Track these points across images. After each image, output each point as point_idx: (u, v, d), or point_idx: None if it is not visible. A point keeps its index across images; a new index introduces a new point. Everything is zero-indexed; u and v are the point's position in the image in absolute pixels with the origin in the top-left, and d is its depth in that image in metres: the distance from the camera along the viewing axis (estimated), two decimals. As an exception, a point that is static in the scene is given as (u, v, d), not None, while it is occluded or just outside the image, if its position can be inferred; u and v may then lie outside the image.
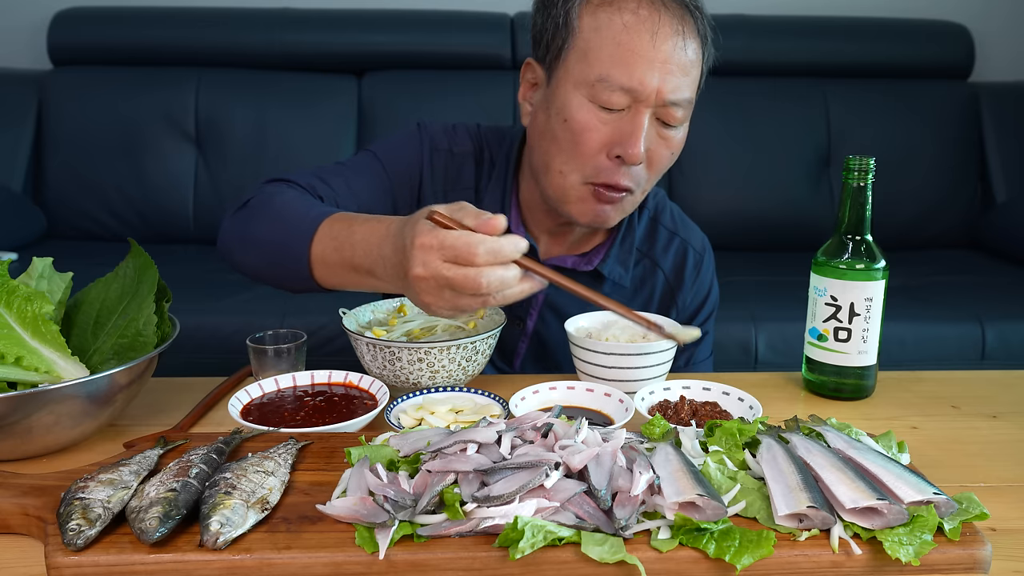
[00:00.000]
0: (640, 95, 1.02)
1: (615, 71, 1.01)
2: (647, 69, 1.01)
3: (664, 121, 1.06)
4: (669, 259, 1.26)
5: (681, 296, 1.27)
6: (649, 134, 1.05)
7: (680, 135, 1.10)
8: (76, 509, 0.66)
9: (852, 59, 2.92)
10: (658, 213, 1.28)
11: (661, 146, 1.08)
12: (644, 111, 1.03)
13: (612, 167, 1.06)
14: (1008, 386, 1.15)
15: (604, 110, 1.04)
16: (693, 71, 1.06)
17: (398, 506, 0.67)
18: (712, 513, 0.66)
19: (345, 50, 2.86)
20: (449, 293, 0.80)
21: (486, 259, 0.77)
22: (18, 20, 3.04)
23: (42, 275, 1.00)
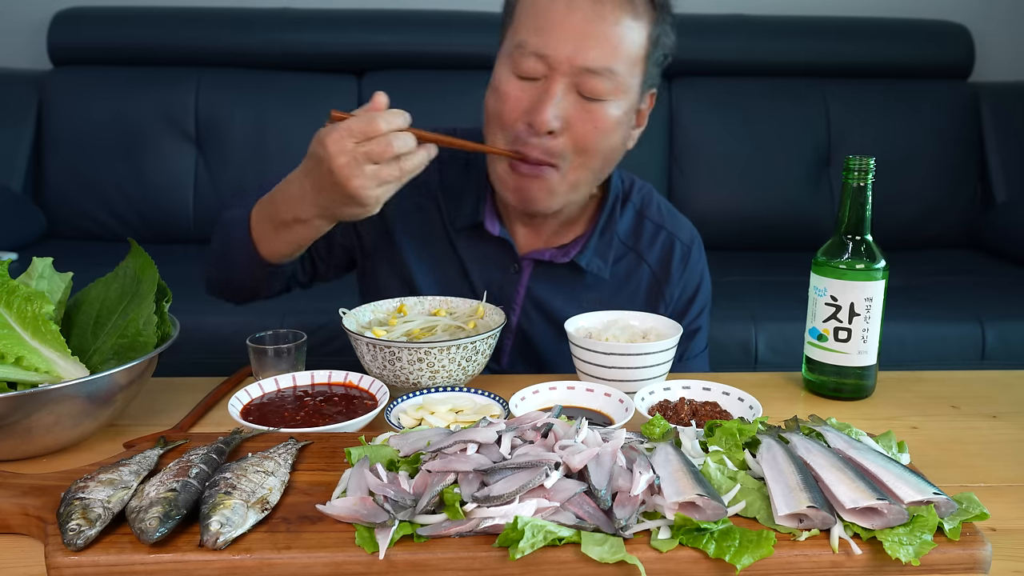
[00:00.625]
0: (552, 61, 1.03)
1: (530, 37, 1.05)
2: (559, 35, 1.03)
3: (584, 93, 1.05)
4: (655, 252, 1.26)
5: (668, 289, 1.26)
6: (566, 104, 1.05)
7: (609, 112, 1.07)
8: (76, 509, 0.66)
9: (852, 59, 2.92)
10: (644, 207, 1.28)
11: (584, 120, 1.06)
12: (557, 79, 1.04)
13: (525, 136, 1.06)
14: (1008, 386, 1.15)
15: (523, 79, 1.06)
16: (619, 43, 1.05)
17: (398, 506, 0.67)
18: (712, 513, 0.66)
19: (345, 50, 2.86)
20: (370, 168, 0.94)
21: (387, 126, 0.93)
22: (18, 20, 3.04)
23: (42, 275, 1.00)
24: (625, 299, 1.25)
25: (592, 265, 1.22)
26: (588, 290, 1.24)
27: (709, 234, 2.77)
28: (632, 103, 1.11)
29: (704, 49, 2.92)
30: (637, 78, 1.09)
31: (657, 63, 1.13)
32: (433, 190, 1.26)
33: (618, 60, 1.05)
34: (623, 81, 1.06)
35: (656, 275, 1.26)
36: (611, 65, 1.04)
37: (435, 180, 1.26)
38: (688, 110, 2.85)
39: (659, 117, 2.84)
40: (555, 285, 1.24)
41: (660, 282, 1.26)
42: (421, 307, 1.18)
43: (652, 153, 2.83)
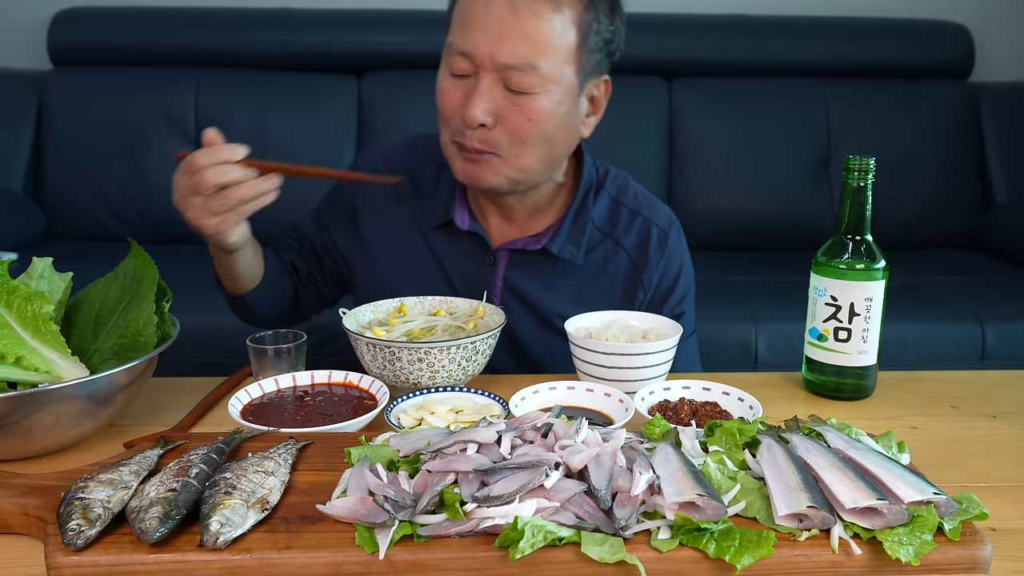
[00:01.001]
0: (474, 59, 1.08)
1: (456, 38, 1.10)
2: (479, 34, 1.07)
3: (511, 87, 1.08)
4: (632, 238, 1.27)
5: (647, 275, 1.26)
6: (494, 98, 1.09)
7: (540, 104, 1.10)
8: (76, 509, 0.66)
9: (852, 59, 2.92)
10: (620, 194, 1.29)
11: (514, 112, 1.09)
12: (483, 76, 1.09)
13: (462, 128, 1.11)
14: (1008, 386, 1.15)
15: (456, 77, 1.12)
16: (539, 38, 1.07)
17: (398, 506, 0.67)
18: (712, 513, 0.66)
19: (345, 50, 2.86)
20: (197, 199, 1.05)
21: (203, 161, 1.02)
22: (18, 20, 3.04)
23: (42, 275, 1.00)
24: (603, 286, 1.26)
25: (565, 251, 1.23)
26: (565, 277, 1.25)
27: (709, 234, 2.82)
28: (568, 92, 1.12)
29: (704, 49, 2.92)
30: (570, 68, 1.11)
31: (596, 50, 1.14)
32: (406, 196, 1.30)
33: (539, 55, 1.07)
34: (549, 73, 1.08)
35: (634, 261, 1.26)
36: (532, 60, 1.07)
37: (408, 186, 1.30)
38: (688, 110, 2.85)
39: (659, 117, 2.84)
40: (531, 274, 1.25)
41: (638, 268, 1.26)
42: (421, 307, 1.18)
43: (652, 153, 2.83)
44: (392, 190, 1.30)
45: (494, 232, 1.27)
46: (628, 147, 2.78)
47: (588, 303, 1.22)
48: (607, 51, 1.16)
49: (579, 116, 1.18)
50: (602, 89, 1.21)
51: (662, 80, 2.91)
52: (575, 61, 1.11)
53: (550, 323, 1.25)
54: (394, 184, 1.28)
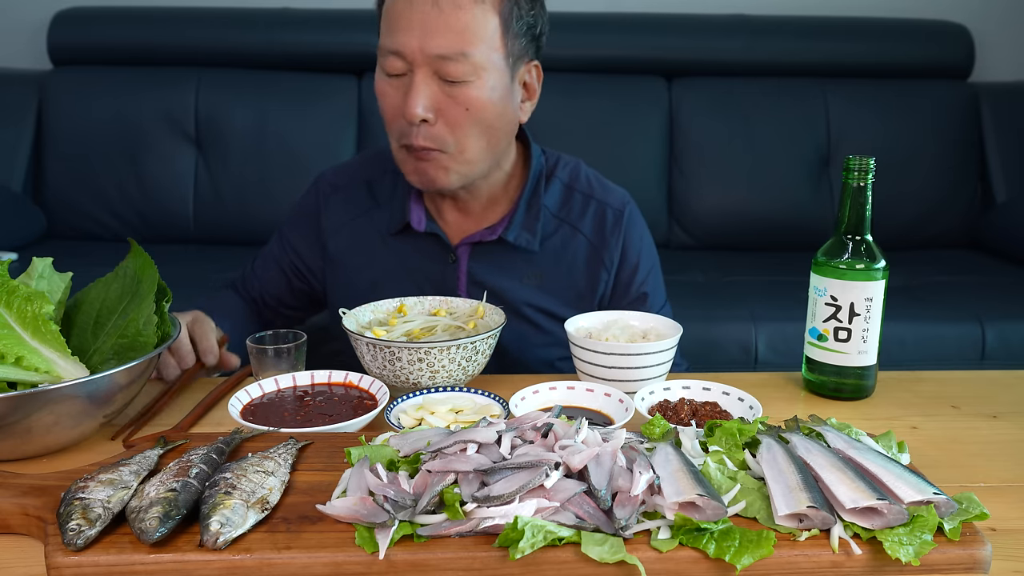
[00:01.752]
0: (406, 55, 1.11)
1: (386, 38, 1.13)
2: (406, 31, 1.10)
3: (447, 79, 1.11)
4: (588, 222, 1.30)
5: (608, 255, 1.29)
6: (431, 93, 1.12)
7: (475, 93, 1.13)
8: (76, 509, 0.66)
9: (852, 59, 2.92)
10: (572, 180, 1.32)
11: (450, 103, 1.13)
12: (417, 71, 1.12)
13: (407, 128, 1.14)
14: (1008, 386, 1.15)
15: (391, 76, 1.15)
16: (463, 27, 1.10)
17: (398, 506, 0.67)
18: (712, 513, 0.66)
19: (345, 50, 2.86)
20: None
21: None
22: (18, 20, 3.04)
23: (42, 275, 1.00)
24: (564, 270, 1.29)
25: (520, 239, 1.26)
26: (527, 265, 1.28)
27: (709, 234, 2.82)
28: (501, 77, 1.15)
29: (704, 49, 2.92)
30: (498, 54, 1.14)
31: (521, 35, 1.17)
32: (366, 208, 1.33)
33: (466, 43, 1.10)
34: (479, 61, 1.12)
35: (592, 244, 1.29)
36: (461, 49, 1.10)
37: (366, 198, 1.34)
38: (688, 110, 2.85)
39: (659, 117, 2.84)
40: (494, 266, 1.27)
41: (597, 250, 1.29)
42: (421, 307, 1.18)
43: (652, 153, 2.83)
44: (352, 204, 1.34)
45: (452, 229, 1.31)
46: (628, 147, 2.78)
47: (553, 289, 1.27)
48: (531, 35, 1.19)
49: (515, 102, 1.21)
50: (533, 75, 1.24)
51: (662, 80, 2.91)
52: (502, 47, 1.14)
53: (517, 311, 1.27)
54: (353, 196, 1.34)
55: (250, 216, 2.73)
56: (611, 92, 2.83)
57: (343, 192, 1.36)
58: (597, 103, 2.82)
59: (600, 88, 2.85)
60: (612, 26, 2.89)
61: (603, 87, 2.86)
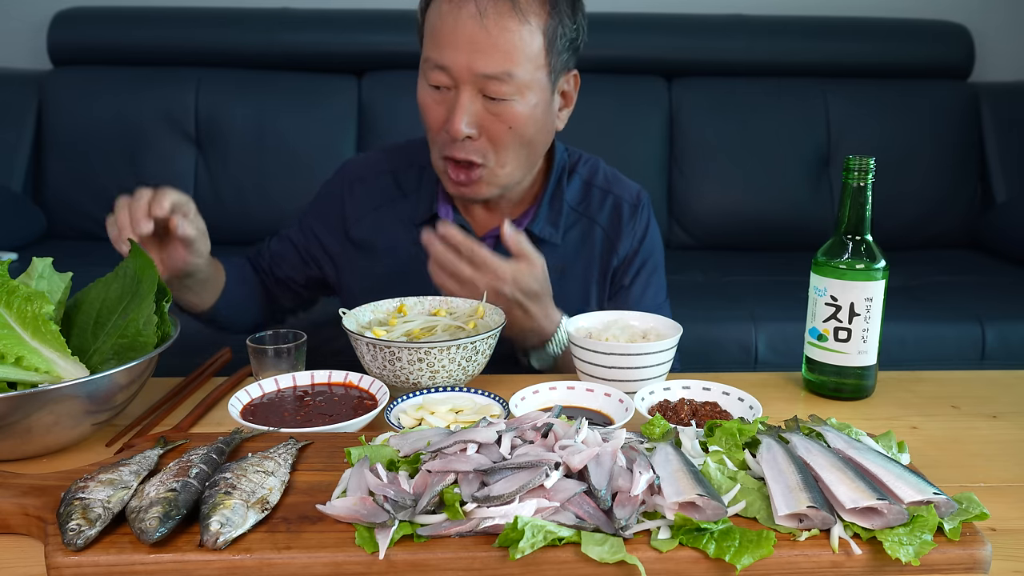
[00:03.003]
0: (453, 72, 1.14)
1: (433, 52, 1.15)
2: (453, 48, 1.12)
3: (491, 96, 1.14)
4: (605, 214, 1.34)
5: (621, 244, 1.33)
6: (474, 110, 1.15)
7: (518, 110, 1.16)
8: (76, 509, 0.66)
9: (852, 59, 2.92)
10: (591, 176, 1.36)
11: (494, 121, 1.16)
12: (463, 88, 1.14)
13: (449, 141, 1.17)
14: (1008, 386, 1.15)
15: (435, 89, 1.17)
16: (510, 48, 1.12)
17: (398, 506, 0.67)
18: (712, 513, 0.66)
19: (345, 50, 2.86)
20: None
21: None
22: (18, 20, 3.04)
23: (42, 275, 1.00)
24: (584, 263, 1.32)
25: (544, 232, 1.29)
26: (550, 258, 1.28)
27: (709, 234, 2.82)
28: (543, 93, 1.18)
29: (704, 49, 2.92)
30: (541, 72, 1.17)
31: (563, 50, 1.19)
32: (391, 198, 1.36)
33: (512, 63, 1.13)
34: (524, 80, 1.14)
35: (608, 235, 1.33)
36: (507, 69, 1.13)
37: (392, 188, 1.36)
38: (688, 110, 2.85)
39: (659, 117, 2.84)
40: None
41: (612, 240, 1.33)
42: (421, 307, 1.18)
43: (652, 153, 2.83)
44: (377, 193, 1.36)
45: (477, 222, 1.33)
46: (628, 147, 2.78)
47: (572, 281, 1.30)
48: (573, 48, 1.21)
49: (553, 112, 1.24)
50: (571, 83, 1.26)
51: (662, 80, 2.91)
52: (546, 65, 1.17)
53: None
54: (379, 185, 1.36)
55: (250, 216, 2.72)
56: (611, 92, 2.83)
57: (368, 181, 1.38)
58: (597, 103, 2.82)
59: (600, 88, 2.84)
60: (612, 26, 2.89)
61: (603, 87, 2.85)
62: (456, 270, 1.10)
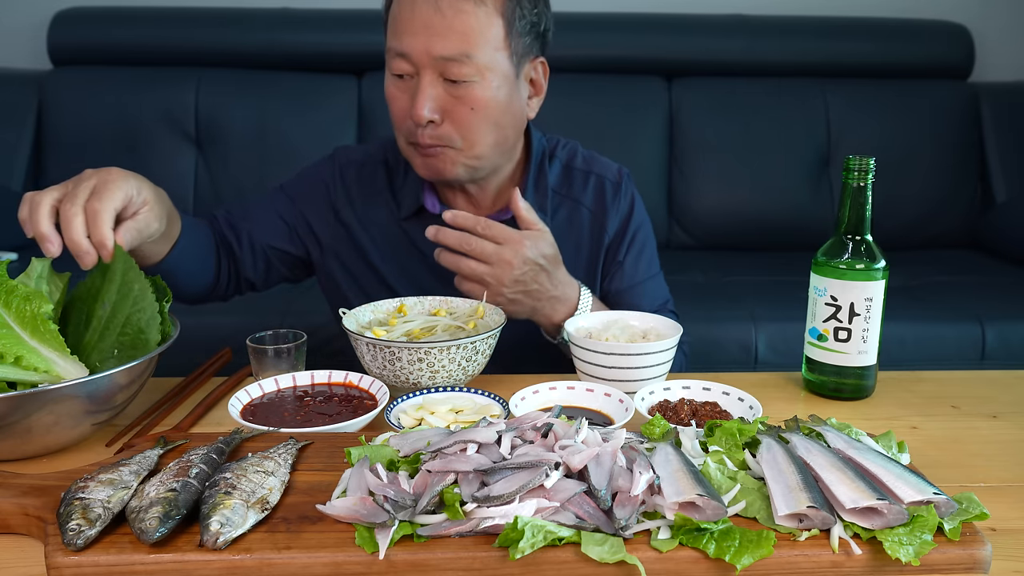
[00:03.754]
0: (412, 58, 1.15)
1: (393, 41, 1.17)
2: (411, 34, 1.14)
3: (452, 79, 1.15)
4: (589, 195, 1.35)
5: (608, 222, 1.34)
6: (436, 95, 1.16)
7: (480, 93, 1.16)
8: (76, 509, 0.66)
9: (852, 59, 2.92)
10: (570, 159, 1.38)
11: (456, 104, 1.16)
12: (423, 73, 1.15)
13: (414, 128, 1.18)
14: (1008, 386, 1.15)
15: (399, 79, 1.19)
16: (466, 30, 1.13)
17: (398, 506, 0.67)
18: (712, 513, 0.66)
19: (345, 50, 2.86)
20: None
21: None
22: (18, 20, 3.04)
23: (40, 275, 0.99)
24: (573, 245, 1.33)
25: None
26: None
27: (709, 234, 2.82)
28: (505, 78, 1.18)
29: (704, 49, 2.92)
30: (502, 54, 1.17)
31: (524, 34, 1.20)
32: (379, 189, 1.37)
33: (469, 44, 1.14)
34: (483, 62, 1.15)
35: (595, 214, 1.34)
36: (464, 50, 1.13)
37: (383, 179, 1.37)
38: (688, 110, 2.85)
39: (659, 117, 2.84)
40: None
41: (599, 218, 1.34)
42: (421, 307, 1.18)
43: (652, 153, 2.83)
44: (368, 182, 1.37)
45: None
46: (628, 147, 2.79)
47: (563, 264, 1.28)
48: (536, 33, 1.22)
49: (522, 99, 1.25)
50: (540, 71, 1.27)
51: (662, 80, 2.91)
52: (506, 48, 1.17)
53: None
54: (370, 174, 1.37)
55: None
56: (611, 92, 2.83)
57: (360, 168, 1.39)
58: (597, 103, 2.82)
59: (600, 88, 2.85)
60: (612, 26, 2.89)
61: (603, 87, 2.86)
62: (480, 250, 1.08)
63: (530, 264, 1.11)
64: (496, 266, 1.09)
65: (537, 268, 1.12)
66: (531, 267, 1.11)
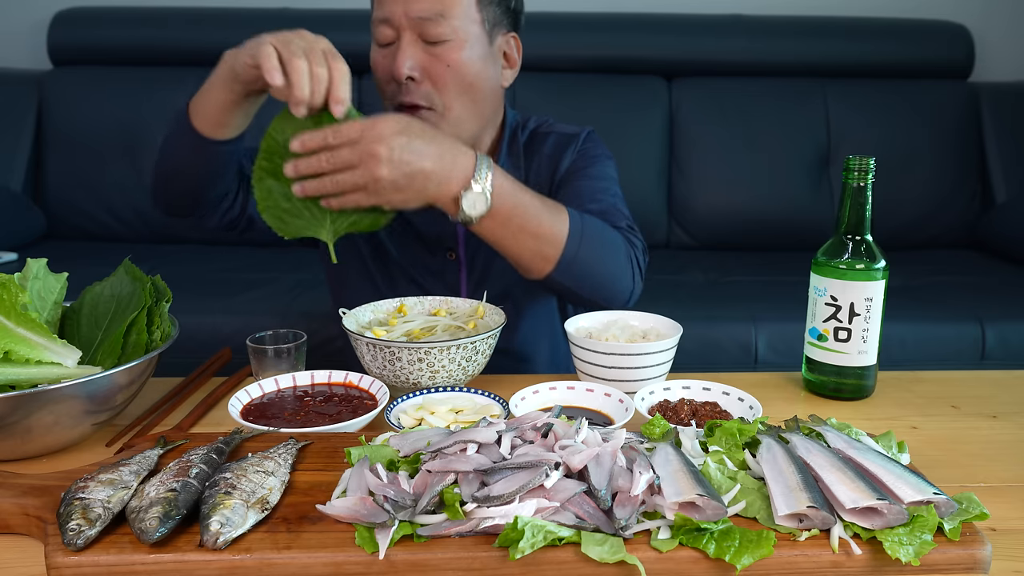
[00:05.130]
0: (393, 22, 1.24)
1: (376, 11, 1.28)
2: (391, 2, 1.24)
3: (430, 40, 1.22)
4: (549, 146, 1.41)
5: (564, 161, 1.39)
6: (415, 54, 1.22)
7: (456, 53, 1.22)
8: (76, 509, 0.66)
9: (852, 59, 2.92)
10: (538, 126, 1.44)
11: (434, 62, 1.22)
12: (403, 34, 1.23)
13: (397, 89, 1.25)
14: (1008, 386, 1.15)
15: (383, 47, 1.28)
16: None
17: (398, 506, 0.67)
18: (712, 513, 0.66)
19: (345, 50, 2.79)
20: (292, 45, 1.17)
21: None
22: (18, 20, 3.04)
23: (36, 276, 0.99)
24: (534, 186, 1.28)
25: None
26: None
27: (709, 234, 2.82)
28: (480, 44, 1.25)
29: (704, 49, 2.92)
30: (475, 23, 1.24)
31: (495, 4, 1.26)
32: None
33: (444, 5, 1.21)
34: (458, 24, 1.22)
35: (551, 158, 1.39)
36: (439, 11, 1.21)
37: None
38: (688, 110, 2.85)
39: (659, 117, 2.84)
40: None
41: (555, 161, 1.39)
42: (421, 307, 1.19)
43: (652, 153, 2.83)
44: None
45: None
46: (628, 147, 2.78)
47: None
48: (506, 7, 1.29)
49: (496, 68, 1.30)
50: (512, 45, 1.33)
51: (662, 80, 2.91)
52: (478, 14, 1.24)
53: None
54: None
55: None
56: (611, 92, 2.83)
57: None
58: (597, 103, 2.82)
59: (600, 88, 2.85)
60: (612, 26, 2.89)
61: (603, 87, 2.86)
62: (340, 159, 1.02)
63: (395, 138, 1.02)
64: (363, 164, 1.01)
65: (404, 138, 1.02)
66: (398, 140, 1.02)
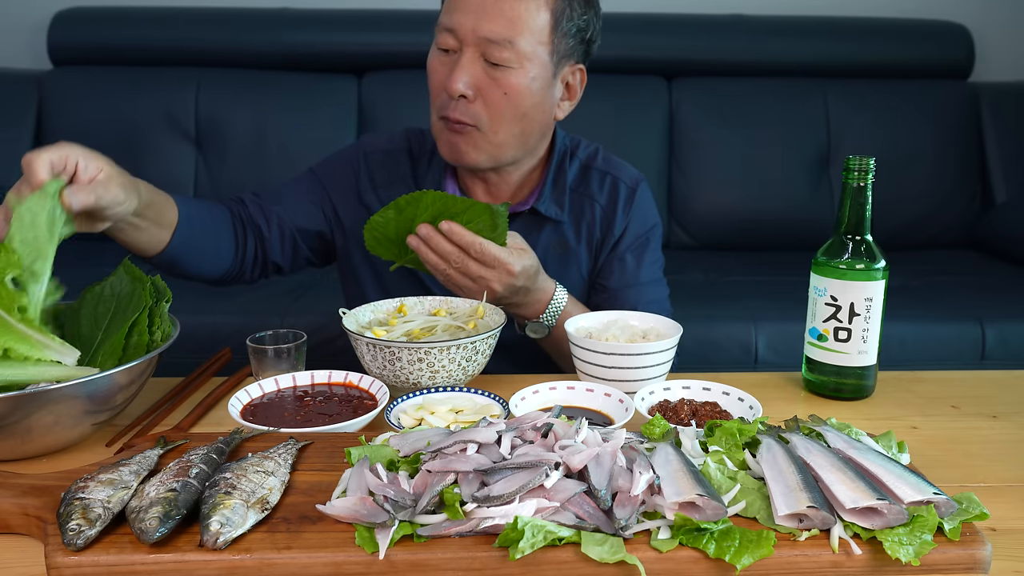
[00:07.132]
0: (458, 34, 1.19)
1: (444, 17, 1.22)
2: (463, 12, 1.19)
3: (491, 61, 1.19)
4: (604, 194, 1.37)
5: (617, 224, 1.37)
6: (474, 72, 1.20)
7: (516, 80, 1.20)
8: (76, 509, 0.66)
9: (852, 59, 2.92)
10: (590, 160, 1.40)
11: (491, 85, 1.20)
12: (466, 49, 1.20)
13: (447, 101, 1.22)
14: (1008, 386, 1.15)
15: (443, 52, 1.23)
16: (516, 17, 1.18)
17: (398, 506, 0.67)
18: (712, 513, 0.66)
19: (345, 50, 2.86)
20: None
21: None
22: (18, 20, 3.04)
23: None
24: (584, 239, 1.36)
25: (550, 210, 1.33)
26: (554, 235, 1.35)
27: (709, 234, 2.82)
28: (543, 71, 1.22)
29: (704, 49, 2.92)
30: (543, 49, 1.21)
31: (569, 35, 1.23)
32: (402, 176, 1.39)
33: (516, 32, 1.18)
34: (525, 52, 1.19)
35: (605, 210, 1.37)
36: (510, 36, 1.17)
37: (404, 167, 1.40)
38: (688, 110, 2.85)
39: (659, 117, 2.84)
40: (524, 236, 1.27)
41: (609, 216, 1.37)
42: (421, 307, 1.18)
43: (652, 153, 2.83)
44: (392, 169, 1.39)
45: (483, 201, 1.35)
46: (628, 147, 2.78)
47: (574, 258, 1.35)
48: (580, 38, 1.26)
49: (554, 98, 1.28)
50: (577, 77, 1.31)
51: (662, 80, 2.91)
52: (549, 43, 1.21)
53: None
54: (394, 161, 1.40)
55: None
56: (611, 92, 2.83)
57: (384, 155, 1.41)
58: (597, 103, 2.82)
59: (600, 88, 2.84)
60: (612, 26, 2.87)
61: (603, 87, 2.85)
62: (465, 267, 1.11)
63: (517, 279, 1.13)
64: (482, 283, 1.13)
65: (523, 282, 1.15)
66: (518, 281, 1.14)
